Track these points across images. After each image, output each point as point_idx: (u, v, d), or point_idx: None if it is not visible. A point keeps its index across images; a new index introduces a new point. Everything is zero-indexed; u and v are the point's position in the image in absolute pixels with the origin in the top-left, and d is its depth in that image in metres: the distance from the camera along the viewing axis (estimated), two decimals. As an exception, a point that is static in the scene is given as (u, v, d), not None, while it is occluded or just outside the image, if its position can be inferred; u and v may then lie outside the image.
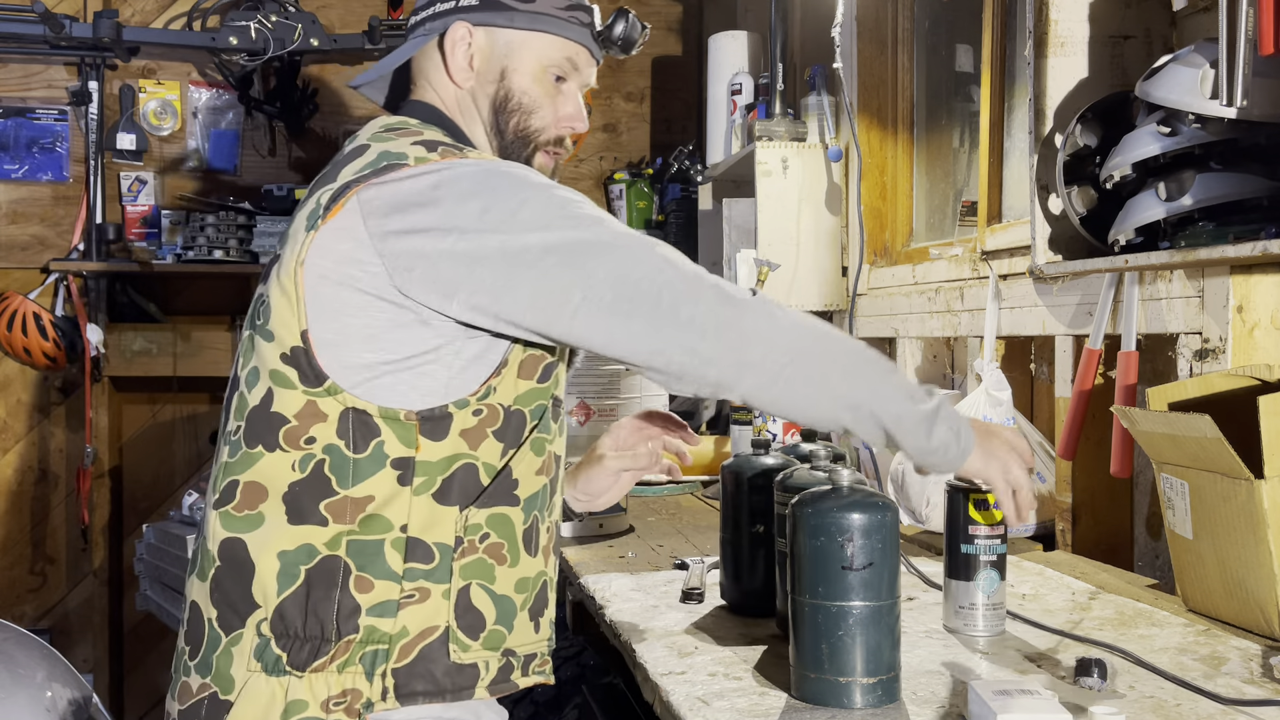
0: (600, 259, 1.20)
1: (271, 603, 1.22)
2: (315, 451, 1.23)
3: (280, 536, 1.23)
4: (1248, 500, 1.38)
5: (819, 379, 1.23)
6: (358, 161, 1.28)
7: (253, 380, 1.27)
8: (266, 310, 1.26)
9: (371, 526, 1.23)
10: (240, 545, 1.24)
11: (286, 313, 1.24)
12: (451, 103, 1.43)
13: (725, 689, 1.26)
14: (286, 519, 1.23)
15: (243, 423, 1.27)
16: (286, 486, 1.23)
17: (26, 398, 3.95)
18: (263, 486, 1.24)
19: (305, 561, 1.22)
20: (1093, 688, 1.22)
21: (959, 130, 2.75)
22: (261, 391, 1.25)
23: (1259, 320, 1.62)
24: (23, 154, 3.93)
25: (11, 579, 3.95)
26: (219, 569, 1.26)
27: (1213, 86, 1.49)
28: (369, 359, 1.23)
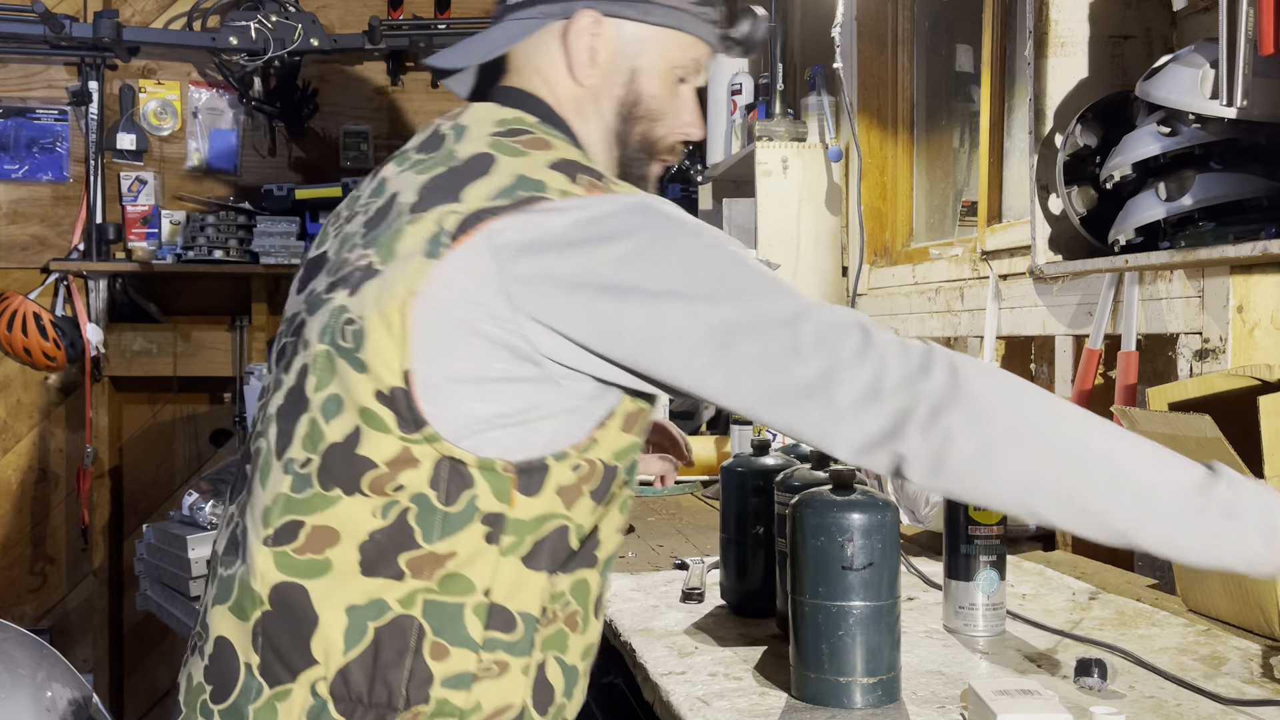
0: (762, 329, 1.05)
1: (335, 663, 1.08)
2: (402, 500, 1.08)
3: (349, 588, 1.08)
4: (1248, 500, 1.38)
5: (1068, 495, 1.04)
6: (486, 182, 1.11)
7: (332, 410, 1.10)
8: (359, 335, 1.09)
9: (451, 586, 1.09)
10: (300, 593, 1.09)
11: (387, 345, 1.07)
12: (567, 101, 1.25)
13: (725, 689, 1.26)
14: (359, 569, 1.08)
15: (316, 457, 1.10)
16: (366, 535, 1.08)
17: (26, 398, 3.96)
18: (336, 531, 1.09)
19: (375, 618, 1.08)
20: (1093, 688, 1.22)
21: (959, 130, 2.75)
22: (346, 428, 1.09)
23: (1259, 320, 1.62)
24: (23, 154, 3.93)
25: (11, 579, 3.95)
26: (268, 614, 1.10)
27: (1213, 86, 1.49)
28: (480, 410, 1.08)
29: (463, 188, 1.11)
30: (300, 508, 1.10)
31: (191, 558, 3.50)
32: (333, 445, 1.10)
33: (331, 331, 1.12)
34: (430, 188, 1.14)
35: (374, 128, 4.18)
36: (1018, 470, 1.03)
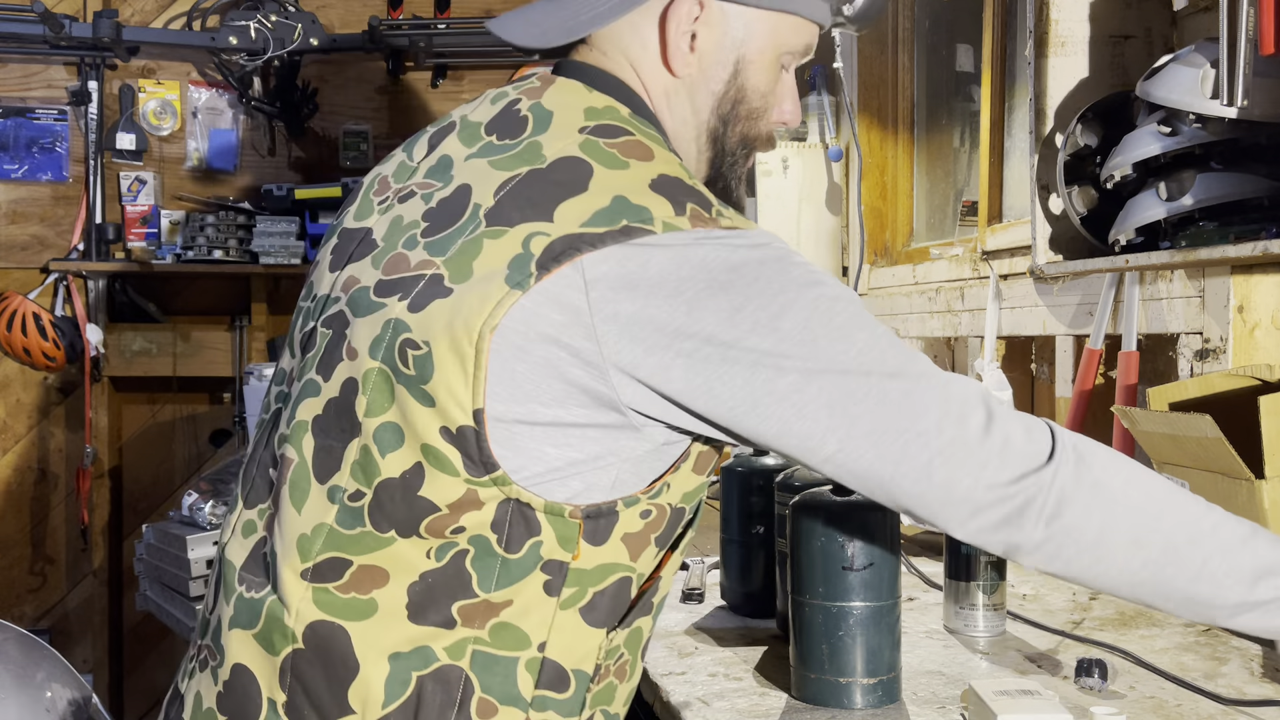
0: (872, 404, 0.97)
1: (373, 714, 0.98)
2: (460, 541, 0.98)
3: (395, 634, 0.99)
4: (1248, 500, 1.38)
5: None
6: (581, 203, 0.98)
7: (390, 442, 0.98)
8: (425, 364, 0.96)
9: (504, 638, 0.99)
10: (341, 636, 0.99)
11: (458, 379, 0.96)
12: (658, 92, 1.12)
13: (725, 689, 1.26)
14: (406, 613, 0.98)
15: (369, 492, 0.99)
16: (418, 576, 0.98)
17: (26, 398, 3.95)
18: (385, 572, 0.99)
19: (420, 668, 0.98)
20: (1093, 688, 1.22)
21: (959, 130, 2.75)
22: (405, 464, 0.97)
23: (1260, 320, 1.62)
24: (22, 154, 3.93)
25: (11, 579, 3.95)
26: (300, 653, 1.00)
27: (1213, 86, 1.48)
28: (552, 455, 0.98)
29: (555, 205, 0.98)
30: (349, 546, 0.99)
31: (191, 558, 3.50)
32: (388, 481, 0.98)
33: (388, 350, 0.99)
34: (513, 194, 1.00)
35: (374, 128, 4.18)
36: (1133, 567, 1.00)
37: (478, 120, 1.10)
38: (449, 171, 1.07)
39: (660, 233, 0.96)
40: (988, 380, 2.11)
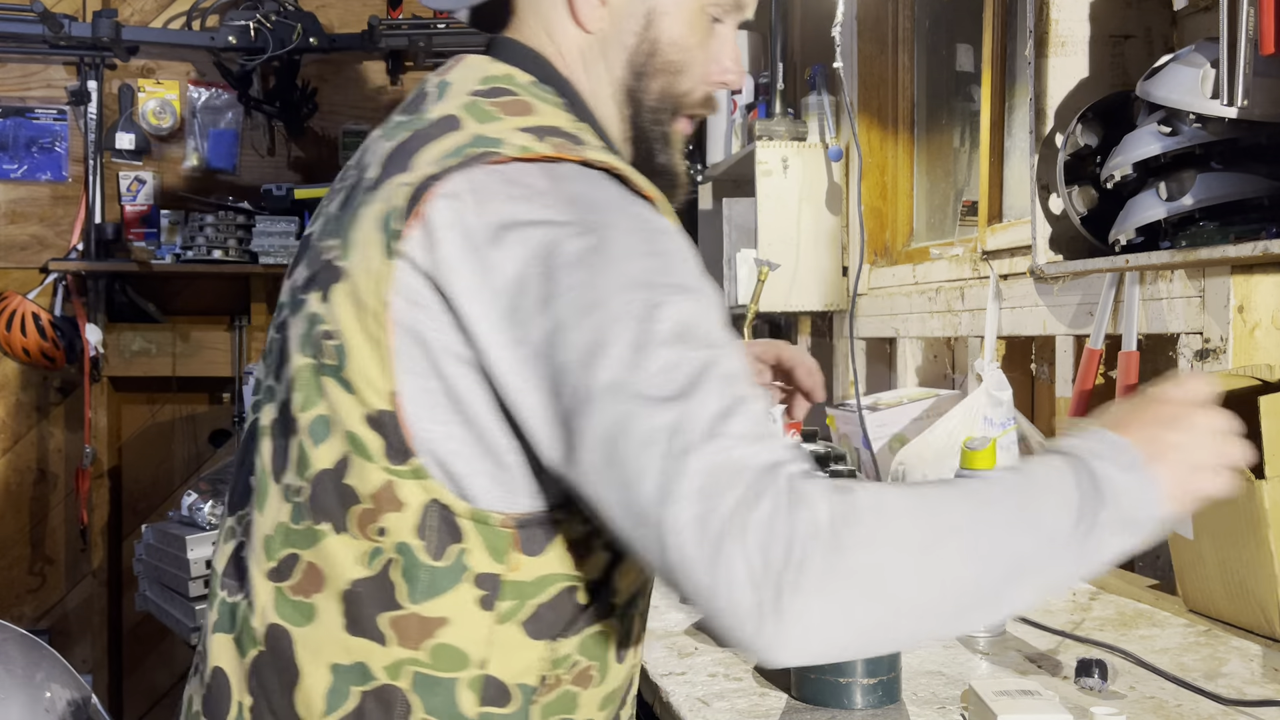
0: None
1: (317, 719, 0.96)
2: (385, 547, 0.94)
3: (335, 644, 0.96)
4: (1248, 500, 1.38)
5: None
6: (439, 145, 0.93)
7: (321, 432, 0.96)
8: (341, 352, 0.94)
9: (443, 660, 0.95)
10: (286, 640, 0.97)
11: (370, 363, 0.92)
12: (572, 54, 1.06)
13: (725, 689, 1.26)
14: (344, 624, 0.95)
15: (307, 485, 0.96)
16: (349, 583, 0.95)
17: (25, 398, 3.95)
18: (322, 574, 0.96)
19: (360, 683, 0.95)
20: (1093, 688, 1.22)
21: (959, 130, 2.75)
22: (334, 454, 0.95)
23: (1260, 320, 1.61)
24: (22, 154, 3.93)
25: (10, 579, 3.95)
26: (262, 655, 0.99)
27: (1213, 86, 1.48)
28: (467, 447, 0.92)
29: (419, 151, 0.94)
30: (298, 540, 0.97)
31: (190, 558, 3.50)
32: (322, 472, 0.96)
33: (312, 344, 0.97)
34: (392, 156, 0.97)
35: (373, 127, 4.17)
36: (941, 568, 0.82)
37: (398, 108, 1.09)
38: (362, 158, 1.06)
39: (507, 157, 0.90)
40: (988, 380, 2.11)
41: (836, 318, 3.06)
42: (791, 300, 2.98)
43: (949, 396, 2.42)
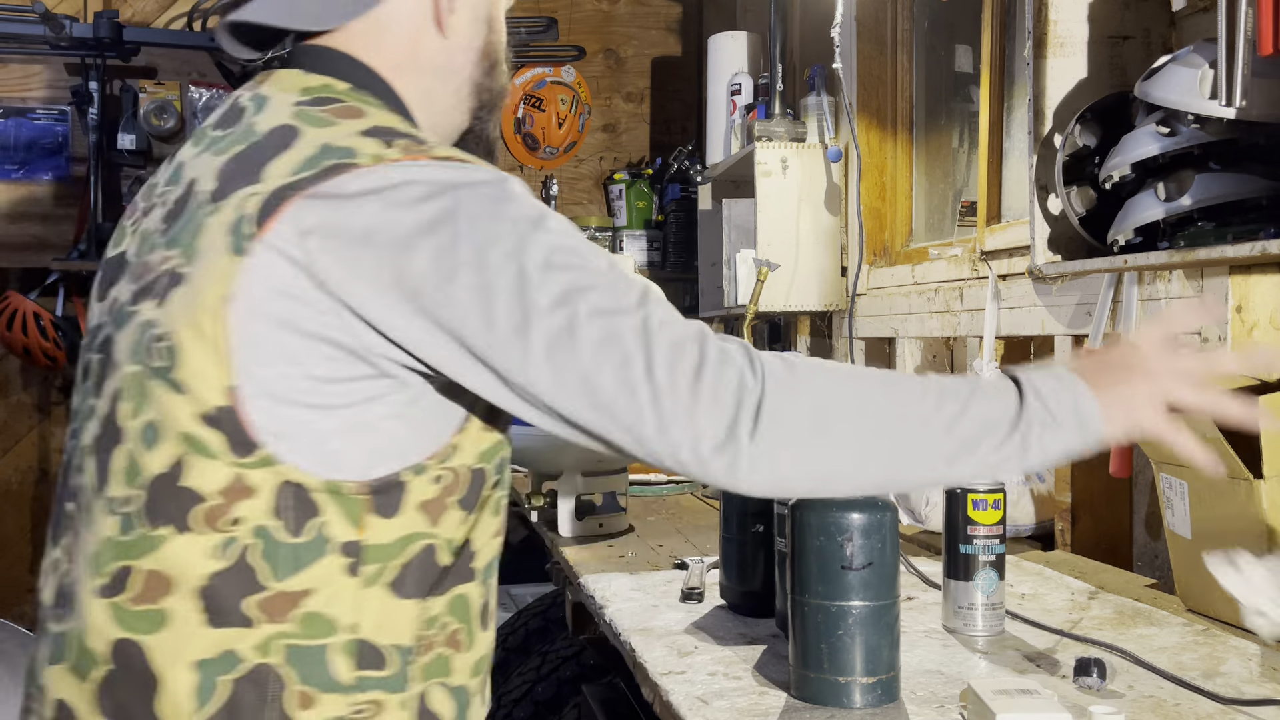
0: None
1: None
2: (240, 535, 0.96)
3: (195, 642, 0.96)
4: (1247, 500, 1.38)
5: None
6: (288, 157, 0.99)
7: (150, 438, 0.97)
8: (172, 352, 0.97)
9: (313, 628, 0.98)
10: (137, 650, 0.97)
11: (205, 361, 0.95)
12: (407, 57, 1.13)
13: (725, 688, 1.26)
14: (205, 619, 0.96)
15: (140, 493, 0.97)
16: (206, 579, 0.96)
17: (26, 398, 3.96)
18: (168, 578, 0.96)
19: (228, 672, 0.96)
20: (1092, 687, 1.23)
21: (958, 130, 2.75)
22: (167, 458, 0.96)
23: (1258, 320, 1.62)
24: (23, 154, 3.93)
25: (11, 579, 3.95)
26: (112, 673, 0.98)
27: (1212, 87, 1.49)
28: (317, 424, 0.97)
29: (263, 165, 0.99)
30: (128, 552, 0.97)
31: (191, 558, 3.51)
32: (157, 478, 0.97)
33: (141, 350, 0.99)
34: (230, 170, 1.01)
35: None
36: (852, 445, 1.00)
37: (207, 124, 1.12)
38: (181, 174, 1.08)
39: (369, 165, 0.97)
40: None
41: (836, 318, 3.06)
42: (791, 300, 2.98)
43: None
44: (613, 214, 4.29)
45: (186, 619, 0.96)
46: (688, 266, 3.96)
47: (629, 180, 4.23)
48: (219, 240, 0.97)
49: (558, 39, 4.13)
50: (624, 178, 4.24)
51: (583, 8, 4.36)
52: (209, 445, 0.96)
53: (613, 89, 4.40)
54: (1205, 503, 1.46)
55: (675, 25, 4.43)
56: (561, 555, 2.08)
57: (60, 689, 1.01)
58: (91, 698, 0.99)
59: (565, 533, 2.19)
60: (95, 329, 1.10)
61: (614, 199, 4.27)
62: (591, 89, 4.36)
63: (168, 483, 0.97)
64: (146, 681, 0.97)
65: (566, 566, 2.02)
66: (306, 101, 1.05)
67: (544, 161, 4.34)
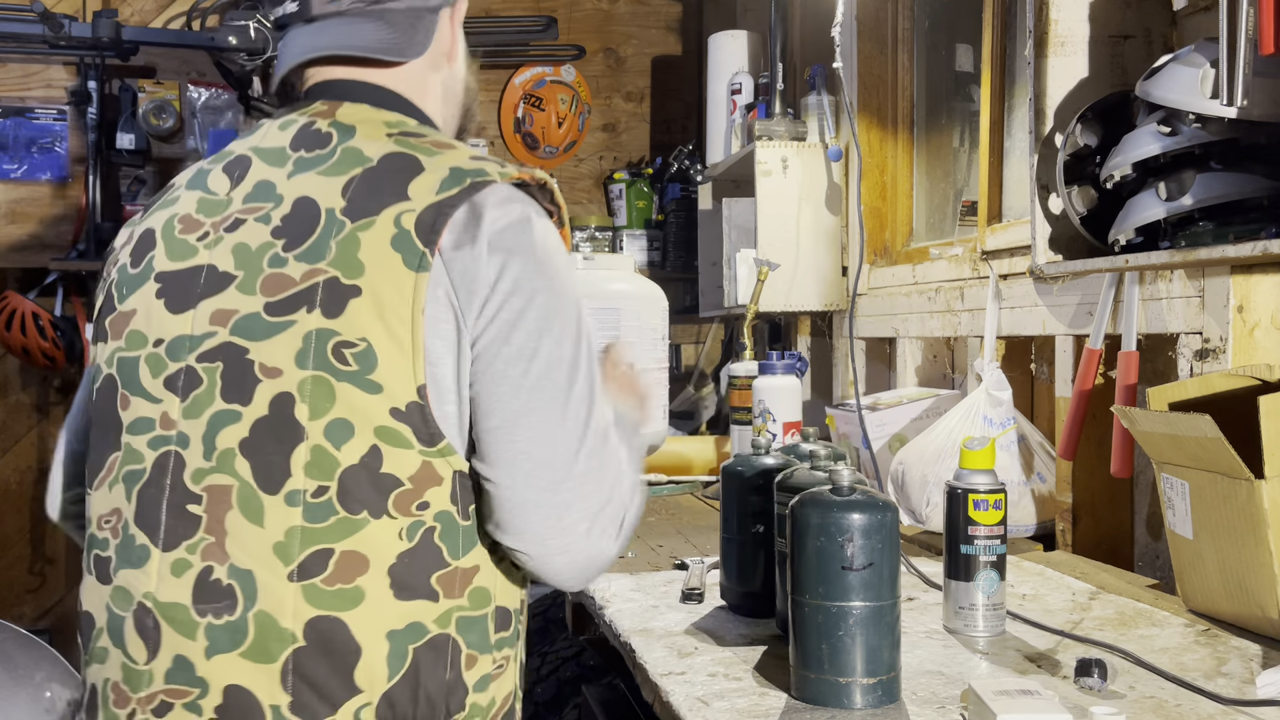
0: None
1: (379, 688, 1.10)
2: (426, 519, 1.11)
3: (387, 614, 1.10)
4: (1248, 500, 1.38)
5: None
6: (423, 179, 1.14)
7: (342, 434, 1.09)
8: (367, 357, 1.09)
9: (478, 600, 1.15)
10: (339, 626, 1.09)
11: (400, 363, 1.09)
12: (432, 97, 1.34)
13: (725, 689, 1.26)
14: (393, 594, 1.10)
15: (332, 483, 1.09)
16: (394, 558, 1.09)
17: (25, 398, 3.95)
18: (364, 557, 1.09)
19: (414, 640, 1.11)
20: (1093, 688, 1.22)
21: (959, 130, 2.75)
22: (361, 449, 1.09)
23: (1259, 320, 1.62)
24: (22, 154, 3.93)
25: (11, 579, 3.95)
26: (301, 650, 1.08)
27: (1213, 86, 1.48)
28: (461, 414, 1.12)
29: (405, 186, 1.14)
30: (326, 536, 1.09)
31: (191, 558, 3.50)
32: (350, 468, 1.09)
33: (319, 357, 1.10)
34: (360, 190, 1.14)
35: (373, 127, 4.18)
36: None
37: (276, 145, 1.23)
38: (274, 192, 1.19)
39: (499, 180, 1.15)
40: (987, 380, 2.11)
41: (836, 317, 3.06)
42: (791, 300, 2.98)
43: (948, 396, 2.42)
44: (613, 213, 4.29)
45: (379, 595, 1.10)
46: (688, 266, 3.96)
47: (629, 180, 4.22)
48: (385, 254, 1.11)
49: (558, 38, 4.13)
50: (624, 177, 4.24)
51: (583, 7, 4.36)
52: (402, 436, 1.10)
53: (613, 88, 4.39)
54: (1206, 503, 1.46)
55: (675, 24, 4.43)
56: (561, 555, 2.07)
57: (232, 675, 1.10)
58: (275, 676, 1.09)
59: (565, 533, 2.18)
60: (183, 338, 1.17)
61: (614, 198, 4.27)
62: (591, 88, 4.36)
63: (364, 471, 1.09)
64: (348, 653, 1.09)
65: (566, 567, 2.01)
66: (397, 134, 1.21)
67: (544, 161, 4.33)
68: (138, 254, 1.25)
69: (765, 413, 2.45)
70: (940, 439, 2.10)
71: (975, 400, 2.11)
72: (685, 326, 4.20)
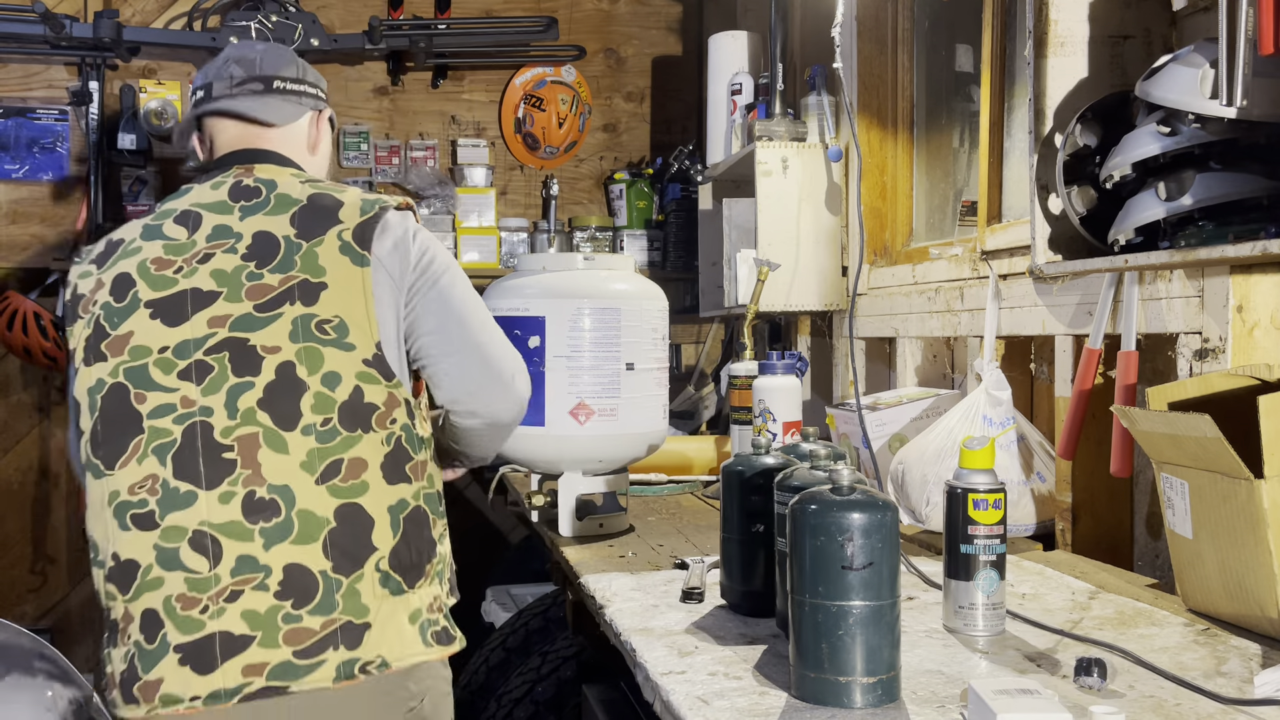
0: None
1: (387, 545, 1.60)
2: (396, 430, 1.63)
3: (384, 496, 1.61)
4: (1247, 500, 1.38)
5: None
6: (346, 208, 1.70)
7: (334, 381, 1.61)
8: (342, 328, 1.62)
9: (432, 480, 1.70)
10: (356, 508, 1.59)
11: (364, 328, 1.63)
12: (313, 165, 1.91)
13: (725, 688, 1.26)
14: (385, 482, 1.62)
15: (333, 415, 1.60)
16: (383, 458, 1.62)
17: (27, 397, 3.96)
18: (364, 460, 1.60)
19: (403, 511, 1.63)
20: (1092, 687, 1.23)
21: (959, 130, 2.75)
22: (349, 389, 1.61)
23: (1259, 320, 1.62)
24: (23, 154, 3.93)
25: (12, 579, 3.95)
26: (334, 530, 1.57)
27: (1212, 86, 1.49)
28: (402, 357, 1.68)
29: (335, 213, 1.69)
30: (334, 451, 1.59)
31: (192, 557, 3.50)
32: (343, 404, 1.60)
33: (306, 332, 1.61)
34: (303, 220, 1.68)
35: (374, 128, 4.18)
36: None
37: (217, 199, 1.73)
38: (233, 231, 1.69)
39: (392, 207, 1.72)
40: (987, 380, 2.12)
41: (836, 317, 3.06)
42: (791, 300, 2.98)
43: (948, 396, 2.42)
44: (613, 214, 4.29)
45: (377, 483, 1.61)
46: (688, 266, 3.96)
47: (629, 180, 4.23)
48: (338, 259, 1.65)
49: (558, 39, 4.13)
50: (624, 177, 4.24)
51: (583, 7, 4.36)
52: (373, 376, 1.62)
53: (613, 89, 4.40)
54: (1206, 502, 1.46)
55: (675, 25, 4.43)
56: (562, 555, 2.08)
57: (288, 557, 1.56)
58: (319, 550, 1.57)
59: (566, 532, 2.19)
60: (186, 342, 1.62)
61: (614, 199, 4.27)
62: (592, 88, 4.36)
63: (354, 404, 1.61)
64: (366, 524, 1.59)
65: (567, 566, 2.02)
66: (307, 181, 1.75)
67: (544, 161, 4.33)
68: (118, 292, 1.66)
69: (765, 413, 2.45)
70: (940, 439, 2.11)
71: (975, 400, 2.11)
72: (685, 326, 4.20)
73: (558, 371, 2.12)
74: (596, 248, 4.10)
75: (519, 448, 2.18)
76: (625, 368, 2.15)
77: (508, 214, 4.26)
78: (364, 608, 1.57)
